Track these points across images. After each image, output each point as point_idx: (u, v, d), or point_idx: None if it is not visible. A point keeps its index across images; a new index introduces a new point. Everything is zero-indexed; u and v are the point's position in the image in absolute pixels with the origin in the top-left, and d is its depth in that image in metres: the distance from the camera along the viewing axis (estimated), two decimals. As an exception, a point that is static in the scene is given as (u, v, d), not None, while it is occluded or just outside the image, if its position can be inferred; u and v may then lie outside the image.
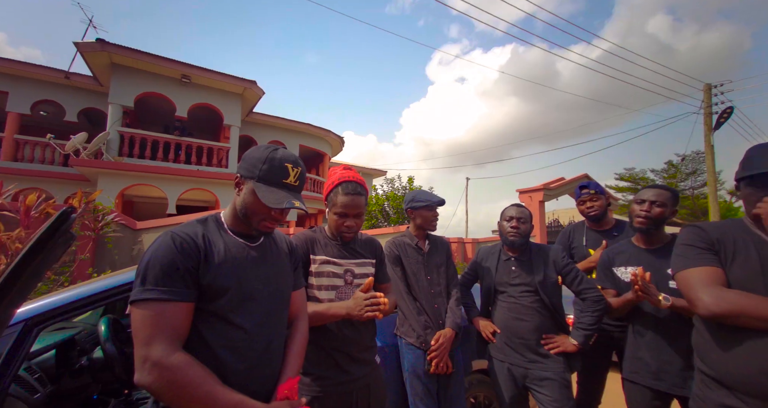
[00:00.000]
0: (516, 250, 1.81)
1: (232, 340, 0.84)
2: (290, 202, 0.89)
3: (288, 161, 0.93)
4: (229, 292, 0.85)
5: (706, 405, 1.03)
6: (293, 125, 12.71)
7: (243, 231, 0.96)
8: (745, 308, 0.93)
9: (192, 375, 0.74)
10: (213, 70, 9.52)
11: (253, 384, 0.86)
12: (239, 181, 0.94)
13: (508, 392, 1.70)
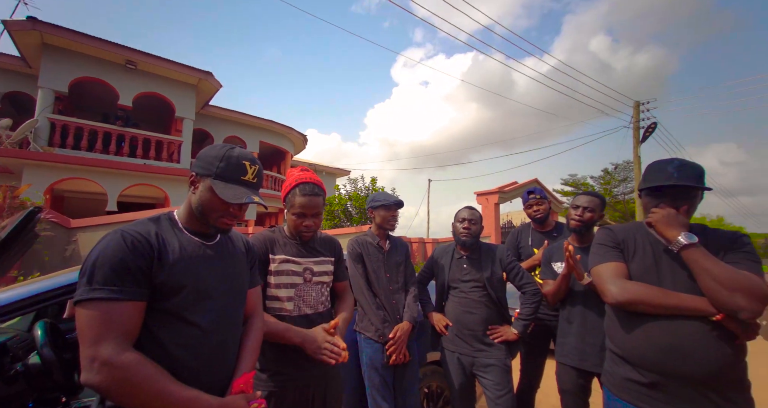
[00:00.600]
0: (467, 249, 1.97)
1: (186, 338, 0.85)
2: (249, 197, 0.91)
3: (245, 159, 0.95)
4: (184, 290, 0.85)
5: (614, 379, 1.23)
6: (254, 121, 12.21)
7: (199, 229, 0.96)
8: (642, 297, 1.12)
9: (143, 373, 0.74)
10: (163, 58, 8.85)
11: (209, 380, 0.87)
12: (195, 179, 0.94)
13: (458, 379, 1.84)
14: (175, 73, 9.16)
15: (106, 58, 8.39)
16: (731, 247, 1.11)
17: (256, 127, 12.50)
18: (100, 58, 8.34)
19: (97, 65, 8.35)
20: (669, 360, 1.07)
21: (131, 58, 8.49)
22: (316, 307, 1.35)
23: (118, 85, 8.61)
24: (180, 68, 9.03)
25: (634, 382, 1.15)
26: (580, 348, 1.71)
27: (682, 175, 1.15)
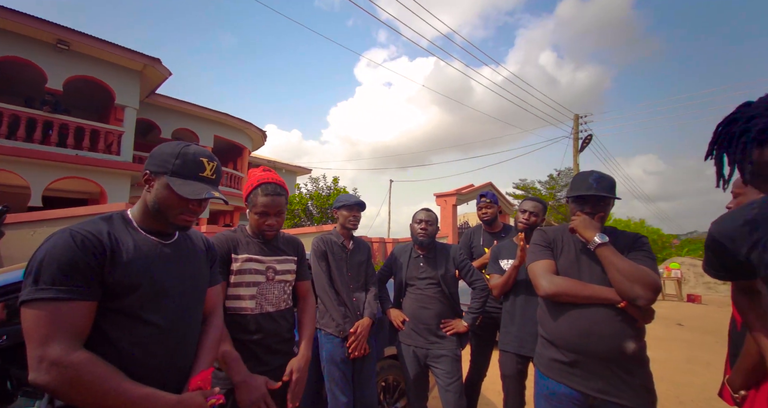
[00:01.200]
0: (424, 249, 2.10)
1: (142, 337, 0.85)
2: (209, 192, 0.92)
3: (203, 155, 0.95)
4: (140, 289, 0.85)
5: (543, 360, 1.42)
6: (207, 113, 11.50)
7: (155, 228, 0.95)
8: (566, 289, 1.32)
9: (95, 372, 0.74)
10: (101, 39, 8.02)
11: (166, 378, 0.87)
12: (149, 177, 0.93)
13: (413, 370, 1.96)
14: (116, 57, 8.35)
15: (32, 36, 7.41)
16: (633, 247, 1.33)
17: (210, 120, 11.79)
18: (22, 35, 7.34)
19: (20, 43, 7.34)
20: (585, 341, 1.27)
21: (63, 38, 7.58)
22: (278, 305, 1.38)
23: (46, 66, 7.64)
24: (121, 52, 8.24)
25: (559, 361, 1.34)
26: (520, 336, 1.92)
27: (600, 187, 1.36)
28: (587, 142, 12.64)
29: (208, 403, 0.87)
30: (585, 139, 12.71)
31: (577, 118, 12.98)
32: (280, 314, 1.38)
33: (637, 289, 1.21)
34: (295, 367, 1.34)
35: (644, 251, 1.33)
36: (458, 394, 1.87)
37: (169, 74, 9.23)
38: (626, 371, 1.25)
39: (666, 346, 5.38)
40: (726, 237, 0.89)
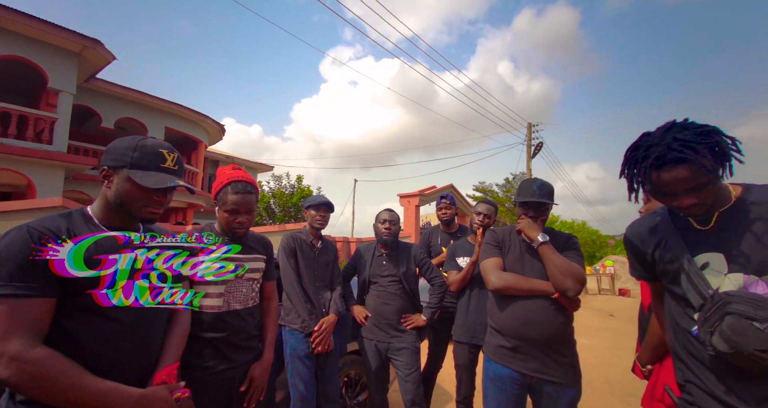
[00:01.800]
0: (387, 247, 2.21)
1: (105, 333, 0.85)
2: (174, 181, 0.93)
3: (162, 147, 0.96)
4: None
5: (490, 347, 1.59)
6: (157, 103, 10.67)
7: (119, 225, 0.95)
8: (511, 284, 1.50)
9: (56, 367, 0.75)
10: (33, 16, 7.15)
11: (130, 374, 0.88)
12: (107, 173, 0.93)
13: (374, 364, 2.07)
14: (50, 37, 7.47)
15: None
16: (566, 246, 1.55)
17: (161, 110, 10.96)
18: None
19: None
20: (525, 329, 1.46)
21: (-17, 8, 6.64)
22: (246, 302, 1.40)
23: (-41, 39, 6.65)
24: (56, 31, 7.39)
25: (503, 347, 1.52)
26: (473, 328, 2.10)
27: (542, 194, 1.56)
28: (538, 149, 13.67)
29: (173, 397, 0.89)
30: (536, 146, 13.73)
31: (530, 127, 13.98)
32: (247, 312, 1.40)
33: (568, 282, 1.41)
34: (257, 372, 1.36)
35: (575, 250, 1.55)
36: (416, 383, 2.00)
37: (113, 58, 8.44)
38: (557, 353, 1.46)
39: (599, 334, 6.04)
40: (637, 237, 1.07)
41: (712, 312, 0.83)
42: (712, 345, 0.82)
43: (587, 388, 3.90)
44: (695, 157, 0.82)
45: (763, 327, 0.75)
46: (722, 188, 0.91)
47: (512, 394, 1.49)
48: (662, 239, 0.99)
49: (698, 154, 0.82)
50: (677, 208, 0.91)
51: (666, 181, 0.87)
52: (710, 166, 0.82)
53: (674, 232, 0.96)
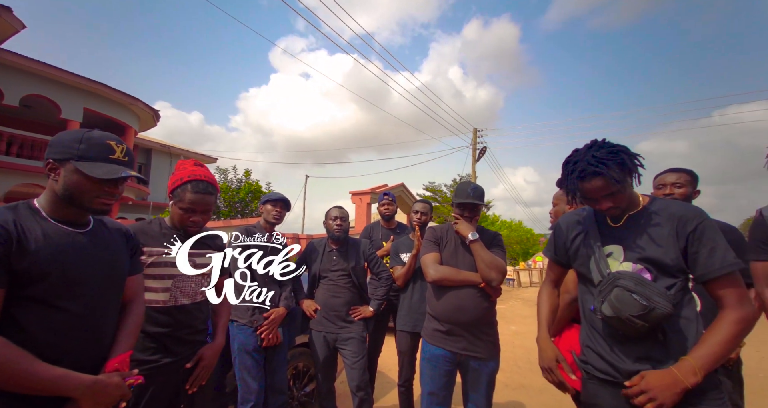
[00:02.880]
0: (338, 243, 2.31)
1: (55, 323, 0.86)
2: (125, 171, 0.93)
3: (109, 139, 0.96)
4: (50, 277, 0.85)
5: (428, 331, 1.80)
6: (74, 80, 9.35)
7: (67, 217, 0.94)
8: (446, 275, 1.72)
9: (5, 354, 0.76)
10: None
11: (82, 363, 0.89)
12: (53, 166, 0.91)
13: (323, 354, 2.17)
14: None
15: None
16: (492, 242, 1.81)
17: (79, 89, 9.65)
18: None
19: None
20: (457, 314, 1.68)
21: None
22: (195, 297, 1.40)
23: None
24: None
25: (438, 331, 1.73)
26: (415, 317, 2.30)
27: (475, 196, 1.79)
28: (482, 154, 14.72)
29: (126, 383, 0.92)
30: (481, 151, 14.77)
31: (475, 132, 14.98)
32: (195, 306, 1.40)
33: (493, 273, 1.66)
34: (205, 354, 1.37)
35: (499, 246, 1.81)
36: (362, 370, 2.14)
37: (22, 27, 7.28)
38: (482, 332, 1.71)
39: (527, 321, 6.81)
40: (565, 224, 1.31)
41: (605, 286, 1.08)
42: (602, 311, 1.06)
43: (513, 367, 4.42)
44: (606, 171, 1.06)
45: (639, 299, 0.99)
46: (633, 195, 1.16)
47: (444, 371, 1.71)
48: (584, 229, 1.23)
49: (609, 169, 1.06)
50: (599, 209, 1.15)
51: (587, 189, 1.11)
52: (618, 177, 1.06)
53: (594, 226, 1.21)
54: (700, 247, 1.03)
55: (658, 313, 0.98)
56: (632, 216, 1.15)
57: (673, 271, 1.05)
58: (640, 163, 1.12)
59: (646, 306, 0.98)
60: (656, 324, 1.01)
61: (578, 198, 1.15)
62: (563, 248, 1.28)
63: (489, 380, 1.71)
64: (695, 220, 1.06)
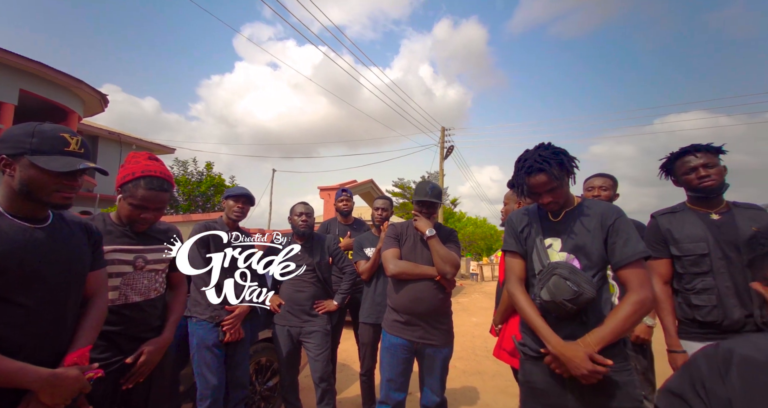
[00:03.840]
0: (303, 238, 2.34)
1: (12, 317, 0.87)
2: (84, 163, 0.92)
3: (63, 131, 0.95)
4: (7, 273, 0.85)
5: (388, 322, 1.89)
6: (9, 59, 8.39)
7: (25, 213, 0.93)
8: (405, 270, 1.82)
9: None
10: None
11: (40, 355, 0.89)
12: (6, 161, 0.89)
13: (286, 348, 2.20)
14: None
15: None
16: (448, 238, 1.93)
17: (13, 68, 8.66)
18: None
19: None
20: (414, 305, 1.79)
21: None
22: (147, 294, 1.38)
23: None
24: None
25: (397, 321, 1.83)
26: (377, 310, 2.40)
27: (433, 195, 1.91)
28: (449, 152, 15.18)
29: (85, 377, 0.92)
30: (448, 149, 15.21)
31: (443, 130, 15.39)
32: (148, 303, 1.38)
33: (447, 267, 1.79)
34: (146, 349, 1.31)
35: (454, 242, 1.94)
36: (325, 362, 2.20)
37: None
38: (437, 322, 1.84)
39: (486, 313, 7.22)
40: (515, 218, 1.44)
41: (545, 274, 1.23)
42: (540, 296, 1.21)
43: (471, 355, 4.68)
44: (549, 168, 1.21)
45: (571, 285, 1.15)
46: (570, 194, 1.34)
47: (402, 358, 1.82)
48: (530, 222, 1.39)
49: (551, 167, 1.22)
50: (541, 204, 1.31)
51: (532, 184, 1.27)
52: (558, 175, 1.22)
53: (537, 220, 1.37)
54: (617, 238, 1.21)
55: (585, 298, 1.15)
56: (569, 212, 1.32)
57: (597, 259, 1.23)
58: (576, 165, 1.29)
59: (577, 291, 1.14)
60: (582, 307, 1.17)
61: (525, 191, 1.30)
62: (519, 239, 1.43)
63: (443, 365, 1.84)
64: (614, 215, 1.24)
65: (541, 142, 1.33)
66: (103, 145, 13.70)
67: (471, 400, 3.05)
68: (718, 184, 1.52)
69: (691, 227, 1.54)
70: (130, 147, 13.48)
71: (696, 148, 1.57)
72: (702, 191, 1.54)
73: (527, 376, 1.30)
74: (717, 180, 1.51)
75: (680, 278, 1.57)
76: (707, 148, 1.56)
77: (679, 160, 1.61)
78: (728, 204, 1.57)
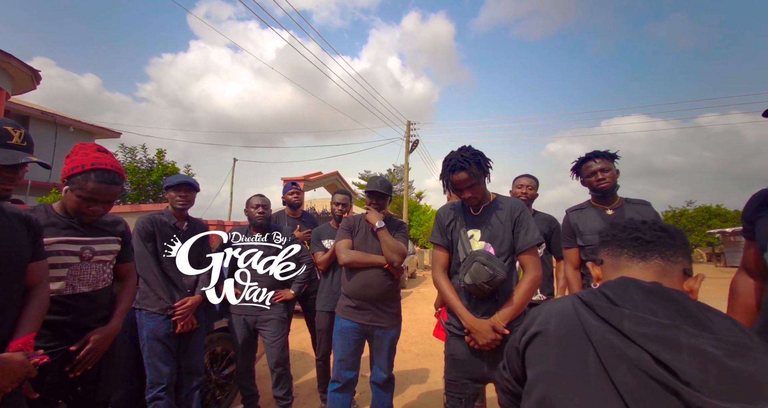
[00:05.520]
0: (260, 230, 2.39)
1: None
2: (26, 157, 0.93)
3: (6, 124, 0.94)
4: None
5: (341, 307, 2.03)
6: None
7: None
8: (356, 259, 1.96)
9: None
10: None
11: None
12: None
13: (242, 336, 2.26)
14: None
15: None
16: (397, 230, 2.10)
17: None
18: None
19: None
20: (364, 290, 1.95)
21: None
22: (96, 285, 1.38)
23: None
24: None
25: (349, 306, 1.98)
26: (333, 298, 2.52)
27: (382, 187, 2.06)
28: (415, 146, 15.50)
29: (31, 362, 0.94)
30: (414, 143, 15.52)
31: (408, 124, 15.65)
32: (96, 294, 1.38)
33: (395, 256, 1.95)
34: (91, 337, 1.30)
35: (402, 233, 2.12)
36: (280, 348, 2.29)
37: None
38: (385, 305, 2.01)
39: (444, 300, 7.61)
40: (443, 213, 1.63)
41: (468, 262, 1.43)
42: (464, 281, 1.41)
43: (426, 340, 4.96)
44: (469, 167, 1.41)
45: (488, 269, 1.35)
46: (487, 191, 1.54)
47: (353, 340, 1.97)
48: (455, 216, 1.58)
49: (470, 166, 1.41)
50: (464, 199, 1.51)
51: (455, 180, 1.46)
52: (476, 173, 1.43)
53: (461, 214, 1.56)
54: (520, 228, 1.45)
55: (499, 279, 1.37)
56: (486, 206, 1.55)
57: (507, 247, 1.46)
58: (490, 165, 1.51)
59: (492, 274, 1.36)
60: (496, 287, 1.39)
61: (449, 187, 1.50)
62: (445, 232, 1.62)
63: (390, 345, 2.02)
64: (519, 209, 1.49)
65: (463, 145, 1.55)
66: (35, 127, 12.22)
67: (422, 378, 3.31)
68: (611, 186, 1.84)
69: (591, 221, 1.84)
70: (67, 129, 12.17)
71: (596, 154, 1.88)
72: (599, 191, 1.86)
73: (451, 350, 1.52)
74: (610, 182, 1.83)
75: (584, 265, 1.87)
76: (604, 154, 1.87)
77: (584, 165, 1.91)
78: (621, 201, 1.89)
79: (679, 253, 0.62)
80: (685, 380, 0.45)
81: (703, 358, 0.45)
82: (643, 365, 0.48)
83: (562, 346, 0.58)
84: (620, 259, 0.65)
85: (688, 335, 0.47)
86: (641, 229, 0.65)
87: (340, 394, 1.98)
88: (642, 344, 0.48)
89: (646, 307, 0.53)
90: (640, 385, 0.48)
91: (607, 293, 0.58)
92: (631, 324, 0.51)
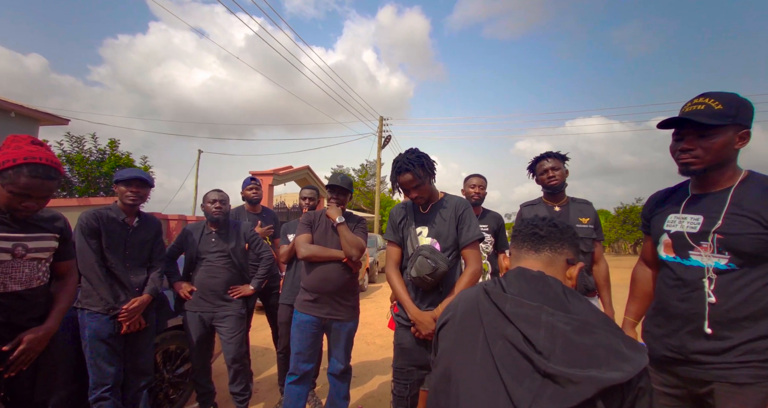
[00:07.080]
0: (216, 225, 2.35)
1: None
2: None
3: None
4: None
5: (299, 301, 2.06)
6: None
7: None
8: (315, 253, 1.99)
9: None
10: None
11: None
12: None
13: (197, 333, 2.22)
14: None
15: None
16: (357, 225, 2.16)
17: None
18: None
19: None
20: (323, 284, 1.99)
21: None
22: (29, 283, 1.32)
23: None
24: None
25: (307, 300, 2.01)
26: (295, 292, 2.53)
27: (343, 183, 2.10)
28: (387, 141, 15.60)
29: None
30: (386, 139, 15.61)
31: (381, 120, 15.71)
32: (30, 293, 1.32)
33: (353, 251, 2.01)
34: (25, 337, 1.25)
35: (362, 229, 2.17)
36: (238, 344, 2.27)
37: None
38: (344, 299, 2.06)
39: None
40: (395, 212, 1.70)
41: (414, 256, 1.51)
42: (410, 274, 1.50)
43: (388, 331, 5.03)
44: (413, 169, 1.49)
45: (431, 262, 1.44)
46: (435, 190, 1.62)
47: (311, 334, 2.01)
48: (406, 215, 1.67)
49: (415, 167, 1.49)
50: (411, 198, 1.59)
51: (401, 181, 1.54)
52: (421, 174, 1.50)
53: (412, 212, 1.65)
54: (463, 225, 1.56)
55: (440, 272, 1.46)
56: (434, 205, 1.65)
57: (451, 242, 1.56)
58: (434, 167, 1.61)
59: (434, 267, 1.45)
60: (439, 280, 1.49)
61: (397, 187, 1.58)
62: (397, 230, 1.70)
63: (348, 337, 2.08)
64: (462, 207, 1.60)
65: (410, 147, 1.64)
66: (-37, 111, 10.92)
67: (385, 369, 3.41)
68: (560, 184, 2.01)
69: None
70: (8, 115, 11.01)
71: (548, 154, 2.05)
72: (549, 188, 2.02)
73: (399, 340, 1.61)
74: (559, 180, 2.00)
75: None
76: (555, 155, 2.04)
77: (537, 164, 2.07)
78: (568, 199, 2.07)
79: (566, 245, 0.73)
80: (539, 350, 0.55)
81: (555, 332, 0.55)
82: (513, 339, 0.58)
83: (462, 326, 0.67)
84: (521, 252, 0.75)
85: (547, 314, 0.57)
86: (539, 225, 0.75)
87: (297, 386, 2.02)
88: (515, 322, 0.58)
89: (526, 292, 0.63)
90: (508, 354, 0.57)
91: (501, 281, 0.68)
92: (510, 306, 0.60)
